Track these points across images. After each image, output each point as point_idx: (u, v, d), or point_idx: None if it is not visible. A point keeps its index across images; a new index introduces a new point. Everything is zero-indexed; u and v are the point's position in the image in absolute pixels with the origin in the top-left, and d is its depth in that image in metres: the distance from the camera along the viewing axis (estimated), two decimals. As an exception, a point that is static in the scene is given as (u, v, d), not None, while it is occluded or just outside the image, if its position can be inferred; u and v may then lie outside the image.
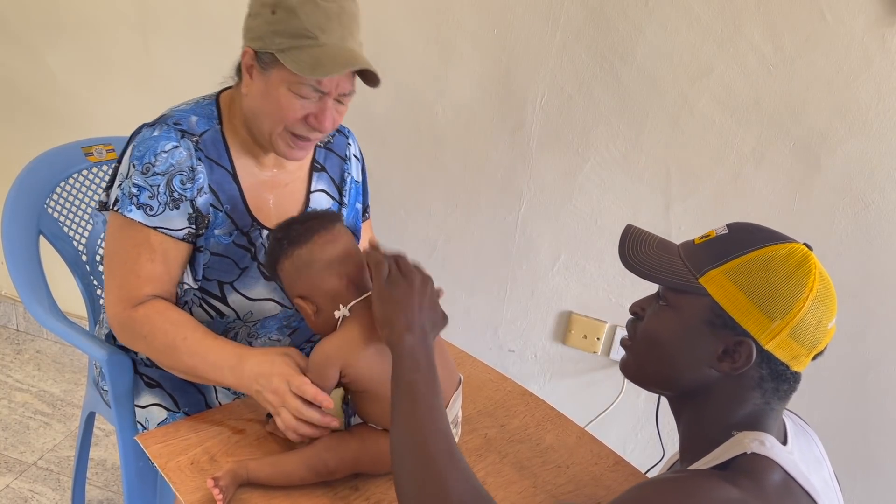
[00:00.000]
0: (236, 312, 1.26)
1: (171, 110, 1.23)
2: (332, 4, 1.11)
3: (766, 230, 0.87)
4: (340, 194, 1.38)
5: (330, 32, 1.11)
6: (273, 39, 1.11)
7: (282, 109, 1.14)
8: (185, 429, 1.12)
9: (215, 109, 1.24)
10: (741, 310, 0.81)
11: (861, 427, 1.81)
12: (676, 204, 1.78)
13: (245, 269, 1.24)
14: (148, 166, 1.15)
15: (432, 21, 1.82)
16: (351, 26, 1.14)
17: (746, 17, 1.59)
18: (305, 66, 1.09)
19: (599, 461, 1.18)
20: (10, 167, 1.69)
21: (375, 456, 1.03)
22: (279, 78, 1.13)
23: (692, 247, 0.88)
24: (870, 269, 1.67)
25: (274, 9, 1.10)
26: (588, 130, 1.79)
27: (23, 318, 2.62)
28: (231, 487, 0.98)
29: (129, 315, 1.18)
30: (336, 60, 1.10)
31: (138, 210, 1.15)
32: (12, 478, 1.97)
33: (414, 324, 0.94)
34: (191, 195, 1.18)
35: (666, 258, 0.89)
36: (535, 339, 2.02)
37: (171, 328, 1.15)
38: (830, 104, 1.59)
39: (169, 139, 1.17)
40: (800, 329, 0.81)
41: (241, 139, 1.24)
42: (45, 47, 2.22)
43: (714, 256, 0.84)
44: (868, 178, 1.62)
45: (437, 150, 1.94)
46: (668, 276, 0.87)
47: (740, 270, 0.82)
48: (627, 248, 0.92)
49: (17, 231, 1.47)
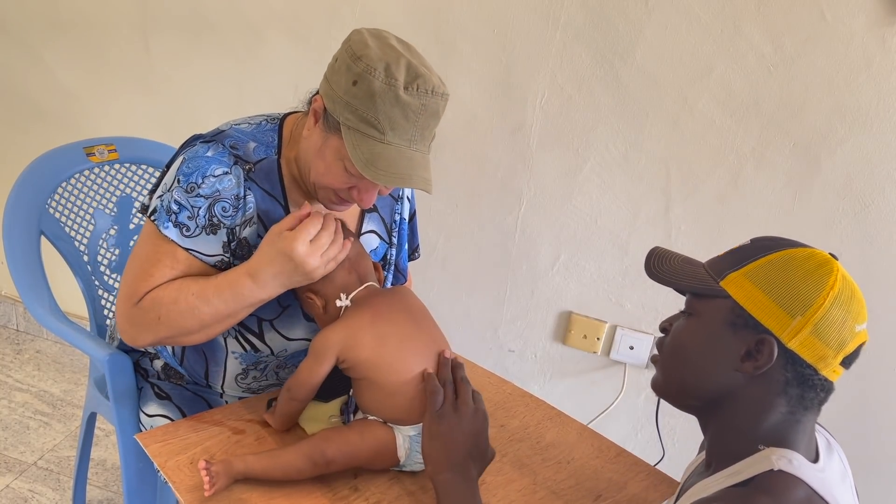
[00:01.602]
0: (271, 349, 1.23)
1: (231, 127, 1.17)
2: (416, 101, 1.02)
3: (789, 240, 0.87)
4: (390, 235, 1.35)
5: (400, 133, 1.02)
6: (344, 111, 1.03)
7: (329, 175, 1.09)
8: (184, 428, 1.12)
9: (276, 136, 1.18)
10: (761, 308, 0.81)
11: (861, 427, 1.81)
12: (676, 204, 1.78)
13: (286, 308, 1.20)
14: (193, 186, 1.10)
15: (432, 21, 1.83)
16: (427, 126, 1.06)
17: (746, 17, 1.59)
18: (360, 159, 1.02)
19: (601, 454, 1.18)
20: (11, 167, 1.69)
21: (374, 449, 1.03)
22: (336, 146, 1.06)
23: (716, 259, 0.90)
24: (870, 269, 1.67)
25: (356, 80, 1.01)
26: (588, 130, 1.79)
27: (23, 318, 2.62)
28: (222, 476, 0.97)
29: (135, 306, 1.13)
30: (390, 168, 1.02)
31: (175, 228, 1.11)
32: (12, 478, 1.97)
33: (454, 462, 0.98)
34: (231, 223, 1.13)
35: (689, 269, 0.90)
36: (535, 339, 2.02)
37: (178, 294, 1.10)
38: (830, 104, 1.59)
39: (221, 164, 1.11)
40: (823, 327, 0.79)
41: (293, 171, 1.19)
42: (45, 47, 2.22)
43: (735, 261, 0.85)
44: (868, 178, 1.62)
45: (437, 150, 1.93)
46: (690, 282, 0.88)
47: (760, 271, 0.82)
48: (653, 262, 0.93)
49: (18, 231, 1.47)
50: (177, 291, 1.10)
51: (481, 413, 1.03)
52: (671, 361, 0.91)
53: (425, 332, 1.10)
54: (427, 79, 1.03)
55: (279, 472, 1.00)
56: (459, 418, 1.00)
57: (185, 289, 1.10)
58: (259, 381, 1.28)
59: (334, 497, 1.01)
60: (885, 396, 1.77)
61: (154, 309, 1.11)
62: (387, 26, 1.88)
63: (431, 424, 1.00)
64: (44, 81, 2.27)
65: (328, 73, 1.08)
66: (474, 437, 1.01)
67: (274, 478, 1.00)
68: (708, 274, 0.87)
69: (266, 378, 1.29)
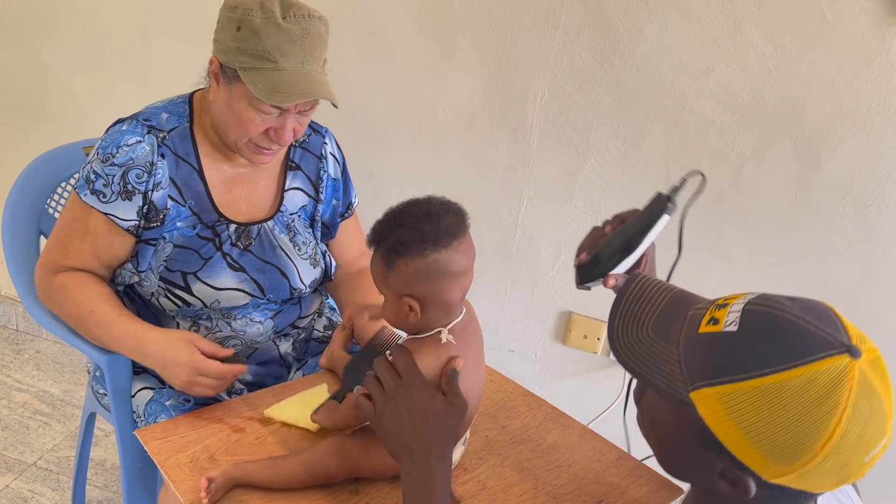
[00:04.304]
0: (202, 301, 1.28)
1: (147, 107, 1.29)
2: (296, 26, 1.14)
3: (787, 335, 0.64)
4: (317, 191, 1.41)
5: (290, 56, 1.14)
6: (236, 56, 1.15)
7: (243, 123, 1.20)
8: (184, 426, 1.12)
9: (188, 108, 1.30)
10: (736, 444, 0.65)
11: (861, 427, 1.80)
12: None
13: (209, 259, 1.28)
14: (108, 156, 1.22)
15: (432, 21, 1.82)
16: (314, 48, 1.17)
17: (746, 17, 1.59)
18: (262, 91, 1.13)
19: (602, 457, 1.18)
20: (11, 167, 1.69)
21: (378, 462, 1.02)
22: (240, 93, 1.18)
23: (693, 337, 0.70)
24: (870, 269, 1.67)
25: (239, 25, 1.14)
26: (588, 130, 1.79)
27: (23, 318, 2.62)
28: (221, 490, 0.97)
29: (49, 279, 1.28)
30: (291, 88, 1.14)
31: (93, 195, 1.23)
32: (12, 478, 1.97)
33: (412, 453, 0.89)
34: (144, 189, 1.23)
35: (660, 350, 0.72)
36: (535, 339, 2.02)
37: (83, 300, 1.25)
38: (830, 104, 1.59)
39: (134, 134, 1.23)
40: (814, 475, 0.64)
41: (211, 138, 1.30)
42: (45, 47, 2.22)
43: (711, 369, 0.66)
44: (868, 178, 1.62)
45: (437, 150, 1.94)
46: (656, 378, 0.71)
47: (737, 399, 0.64)
48: (617, 326, 0.77)
49: (17, 231, 1.47)
50: (83, 297, 1.25)
51: (415, 387, 0.91)
52: (648, 433, 0.80)
53: (482, 369, 1.07)
54: (300, 6, 1.16)
55: (280, 484, 1.00)
56: (396, 408, 0.90)
57: (89, 302, 1.25)
58: (213, 332, 1.32)
59: (334, 500, 1.00)
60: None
61: (59, 293, 1.27)
62: (386, 26, 1.88)
63: (378, 428, 0.93)
64: (44, 81, 2.26)
65: (215, 36, 1.20)
66: (421, 418, 0.89)
67: (274, 488, 1.00)
68: (680, 369, 0.69)
69: (220, 329, 1.32)
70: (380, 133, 1.96)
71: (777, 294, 0.69)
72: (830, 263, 1.70)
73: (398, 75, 1.89)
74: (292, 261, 1.35)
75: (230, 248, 1.29)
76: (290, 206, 1.37)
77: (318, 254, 1.41)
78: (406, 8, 1.84)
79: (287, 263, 1.34)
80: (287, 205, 1.36)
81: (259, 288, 1.31)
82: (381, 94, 1.93)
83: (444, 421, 0.91)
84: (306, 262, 1.37)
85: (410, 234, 0.92)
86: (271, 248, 1.33)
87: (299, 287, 1.36)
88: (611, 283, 0.97)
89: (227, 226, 1.29)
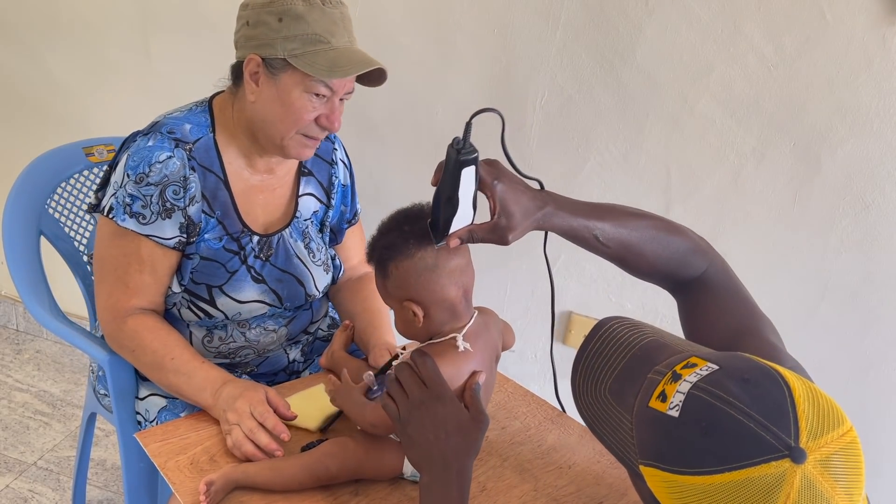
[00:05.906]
0: (224, 314, 1.28)
1: (164, 118, 1.25)
2: (335, 10, 1.17)
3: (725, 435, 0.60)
4: (329, 197, 1.41)
5: (339, 36, 1.17)
6: (284, 45, 1.14)
7: (296, 112, 1.18)
8: (184, 427, 1.12)
9: (208, 116, 1.27)
10: None
11: (861, 427, 1.80)
12: (677, 204, 1.78)
13: (234, 273, 1.27)
14: (142, 176, 1.18)
15: (432, 21, 1.82)
16: (350, 30, 1.21)
17: (746, 17, 1.59)
18: (323, 69, 1.14)
19: (602, 459, 1.17)
20: (11, 167, 1.69)
21: (378, 463, 1.02)
22: (291, 82, 1.16)
23: (643, 411, 0.67)
24: (870, 269, 1.67)
25: (280, 17, 1.14)
26: (588, 130, 1.79)
27: (23, 318, 2.62)
28: (221, 493, 0.97)
29: (119, 327, 1.24)
30: (351, 61, 1.16)
31: (131, 219, 1.19)
32: (12, 478, 1.97)
33: (434, 460, 0.89)
34: (183, 204, 1.20)
35: (615, 415, 0.70)
36: (535, 339, 2.02)
37: (160, 347, 1.21)
38: (830, 104, 1.59)
39: (163, 149, 1.19)
40: None
41: (237, 144, 1.27)
42: (45, 48, 2.22)
43: (654, 452, 0.64)
44: (868, 178, 1.62)
45: (437, 150, 1.93)
46: (612, 443, 0.71)
47: (678, 487, 0.62)
48: (578, 383, 0.76)
49: (17, 231, 1.47)
50: (162, 345, 1.21)
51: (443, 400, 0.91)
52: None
53: (493, 376, 1.06)
54: None
55: (280, 486, 1.00)
56: (420, 418, 0.90)
57: (169, 348, 1.21)
58: (226, 342, 1.31)
59: (335, 502, 1.00)
60: (886, 396, 1.77)
61: (134, 340, 1.23)
62: (387, 26, 1.88)
63: (402, 437, 0.93)
64: (44, 81, 2.26)
65: (244, 39, 1.18)
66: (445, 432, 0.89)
67: (275, 489, 1.00)
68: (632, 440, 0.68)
69: (234, 339, 1.32)
70: (380, 133, 1.95)
71: (733, 374, 0.64)
72: (830, 263, 1.70)
73: (398, 75, 1.88)
74: (308, 268, 1.34)
75: (253, 261, 1.28)
76: (304, 211, 1.36)
77: (329, 259, 1.41)
78: (406, 8, 1.84)
79: (303, 271, 1.33)
80: (301, 210, 1.36)
81: (278, 298, 1.31)
82: (380, 94, 1.92)
83: (467, 436, 0.91)
84: (320, 268, 1.37)
85: (393, 237, 0.98)
86: (287, 258, 1.32)
87: (314, 294, 1.35)
88: (453, 243, 0.94)
89: (250, 237, 1.28)
